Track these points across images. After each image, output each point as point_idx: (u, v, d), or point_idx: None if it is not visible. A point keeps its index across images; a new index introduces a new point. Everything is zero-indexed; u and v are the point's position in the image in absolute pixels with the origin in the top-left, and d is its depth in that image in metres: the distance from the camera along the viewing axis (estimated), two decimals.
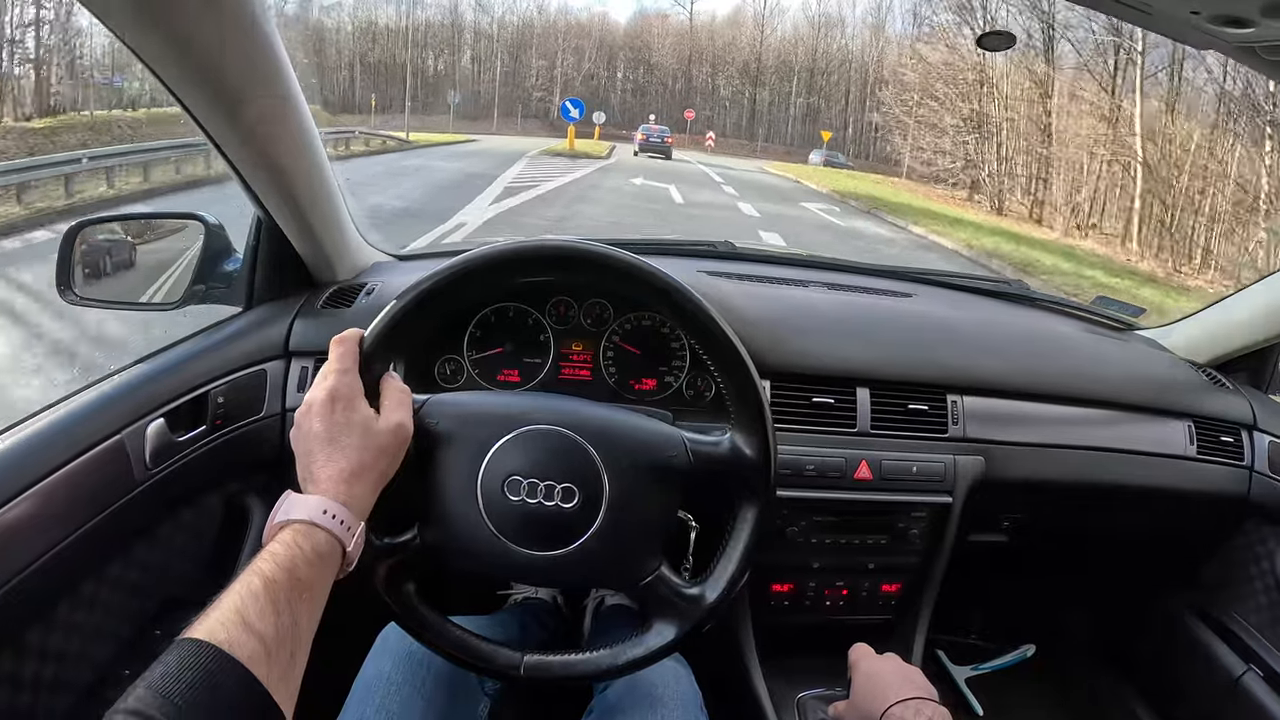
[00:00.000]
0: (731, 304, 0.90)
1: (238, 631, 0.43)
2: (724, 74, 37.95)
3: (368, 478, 0.55)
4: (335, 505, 0.52)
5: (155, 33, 0.62)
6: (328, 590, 0.52)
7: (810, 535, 0.92)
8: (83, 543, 0.68)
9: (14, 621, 0.64)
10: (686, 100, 37.09)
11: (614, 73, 38.90)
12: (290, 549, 0.49)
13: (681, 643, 0.63)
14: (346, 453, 0.55)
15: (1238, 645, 1.12)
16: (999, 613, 1.41)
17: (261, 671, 0.42)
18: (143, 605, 0.82)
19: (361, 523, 0.54)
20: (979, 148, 18.57)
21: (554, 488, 0.60)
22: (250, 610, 0.44)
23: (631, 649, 0.64)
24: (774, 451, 0.64)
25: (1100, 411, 1.04)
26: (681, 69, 38.28)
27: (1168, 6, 0.65)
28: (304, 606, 0.48)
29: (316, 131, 0.82)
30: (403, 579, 0.63)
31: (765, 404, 0.64)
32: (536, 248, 0.64)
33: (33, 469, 0.65)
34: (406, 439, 0.59)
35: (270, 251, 0.92)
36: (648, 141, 22.47)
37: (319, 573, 0.50)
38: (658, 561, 0.64)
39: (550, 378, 0.92)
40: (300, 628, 0.47)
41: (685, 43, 38.45)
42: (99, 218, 0.95)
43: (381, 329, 0.61)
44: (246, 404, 0.87)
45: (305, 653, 0.48)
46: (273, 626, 0.44)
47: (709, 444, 0.64)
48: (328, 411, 0.56)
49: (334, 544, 0.52)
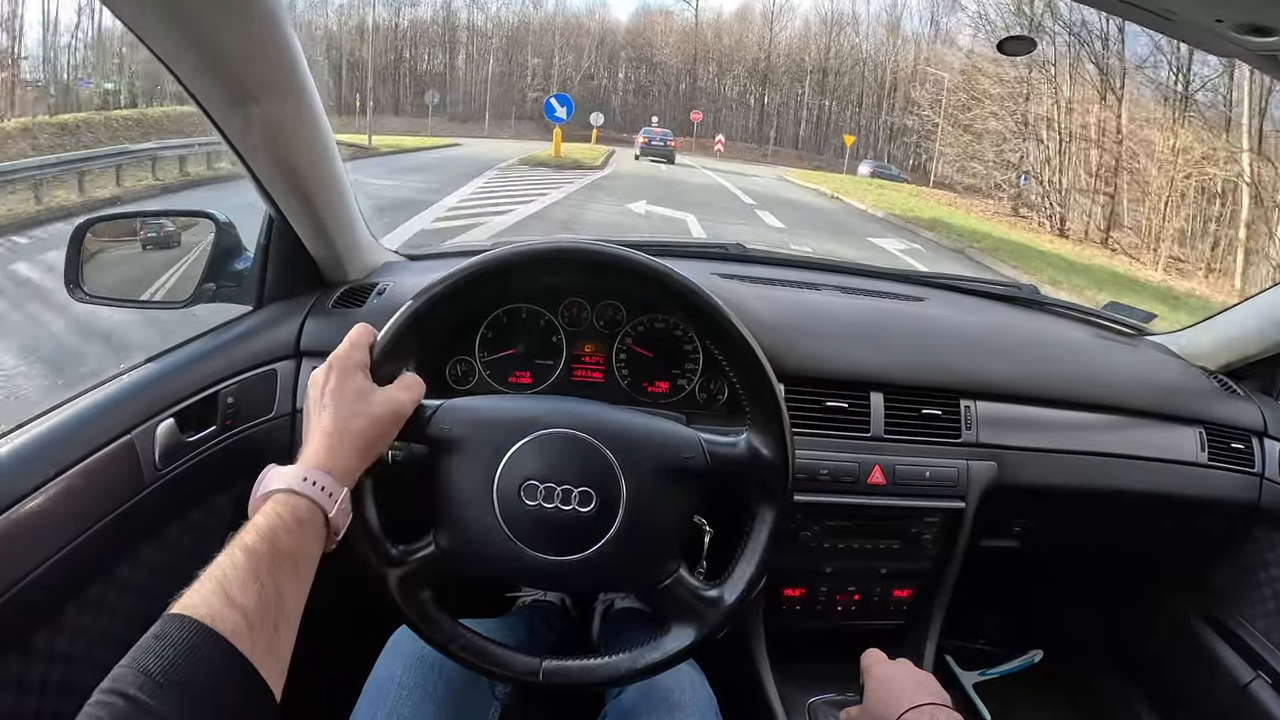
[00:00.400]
0: (746, 307, 0.90)
1: (219, 605, 0.42)
2: (731, 74, 36.56)
3: (353, 443, 0.55)
4: (315, 472, 0.52)
5: (171, 28, 0.61)
6: (314, 562, 0.51)
7: (823, 540, 0.92)
8: (92, 543, 0.68)
9: (23, 622, 0.63)
10: (691, 101, 35.78)
11: (615, 72, 37.68)
12: (271, 519, 0.49)
13: (700, 646, 0.63)
14: (334, 415, 0.55)
15: (1246, 651, 1.12)
16: (1007, 618, 1.41)
17: (245, 645, 0.42)
18: (151, 607, 0.80)
19: (345, 489, 0.53)
20: (1039, 159, 16.39)
21: (571, 492, 0.60)
22: (232, 583, 0.44)
23: (650, 653, 0.63)
24: (792, 452, 0.63)
25: (1111, 417, 1.04)
26: (686, 68, 36.96)
27: (1191, 14, 0.65)
28: (287, 577, 0.47)
29: (330, 129, 0.81)
30: (419, 586, 0.63)
31: (782, 405, 0.63)
32: (552, 250, 0.63)
33: (43, 468, 0.64)
34: (402, 415, 0.59)
35: (281, 250, 0.91)
36: (649, 145, 21.31)
37: (301, 541, 0.49)
38: (676, 564, 0.64)
39: (562, 380, 0.91)
40: (285, 599, 0.46)
41: (690, 41, 37.13)
42: (107, 215, 0.94)
43: (394, 332, 0.60)
44: (257, 404, 0.86)
45: (292, 626, 0.47)
46: (255, 598, 0.44)
47: (726, 445, 0.63)
48: (323, 378, 0.58)
49: (315, 510, 0.51)
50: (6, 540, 0.59)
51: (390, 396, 0.59)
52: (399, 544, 0.62)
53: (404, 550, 0.62)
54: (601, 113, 27.98)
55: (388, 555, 0.61)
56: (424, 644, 0.64)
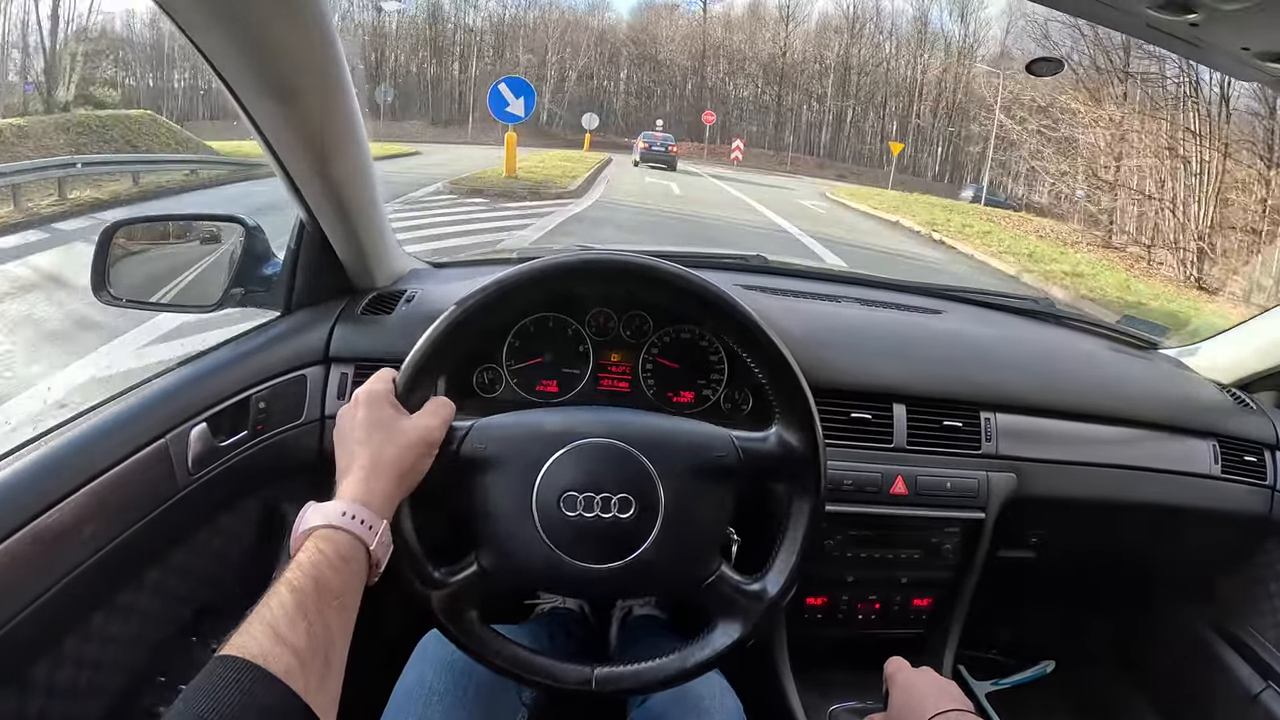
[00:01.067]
0: (771, 318, 0.90)
1: (270, 645, 0.43)
2: (744, 72, 32.98)
3: (388, 473, 0.56)
4: (354, 506, 0.53)
5: (219, 30, 0.62)
6: (359, 595, 0.52)
7: (846, 549, 0.93)
8: (125, 548, 0.68)
9: (55, 627, 0.63)
10: (699, 103, 32.29)
11: (615, 71, 34.48)
12: (314, 556, 0.49)
13: (747, 641, 0.64)
14: (368, 447, 0.56)
15: (1257, 662, 1.13)
16: (1020, 628, 1.42)
17: (299, 684, 0.42)
18: (180, 611, 0.81)
19: (384, 521, 0.54)
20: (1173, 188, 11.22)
21: (610, 499, 0.60)
22: (281, 622, 0.44)
23: (699, 651, 0.64)
24: (822, 445, 0.64)
25: (1127, 430, 1.05)
26: (694, 66, 33.43)
27: (1219, 40, 0.66)
28: (334, 613, 0.48)
29: (365, 131, 0.82)
30: (465, 606, 0.63)
31: (810, 398, 0.64)
32: (580, 263, 0.64)
33: (78, 472, 0.65)
34: (434, 441, 0.60)
35: (310, 256, 0.91)
36: (650, 150, 19.55)
37: (345, 578, 0.50)
38: (717, 561, 0.65)
39: (589, 389, 0.92)
40: (333, 634, 0.47)
41: (698, 38, 33.59)
42: (136, 218, 0.94)
43: (416, 362, 0.62)
44: (287, 409, 0.86)
45: (341, 660, 0.48)
46: (304, 636, 0.44)
47: (756, 440, 0.64)
48: (354, 410, 0.59)
49: (356, 545, 0.52)
50: (39, 545, 0.59)
51: (420, 424, 0.59)
52: (441, 566, 0.63)
53: (447, 571, 0.63)
54: (595, 114, 24.80)
55: (431, 579, 0.62)
56: (454, 650, 0.65)
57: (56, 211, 6.95)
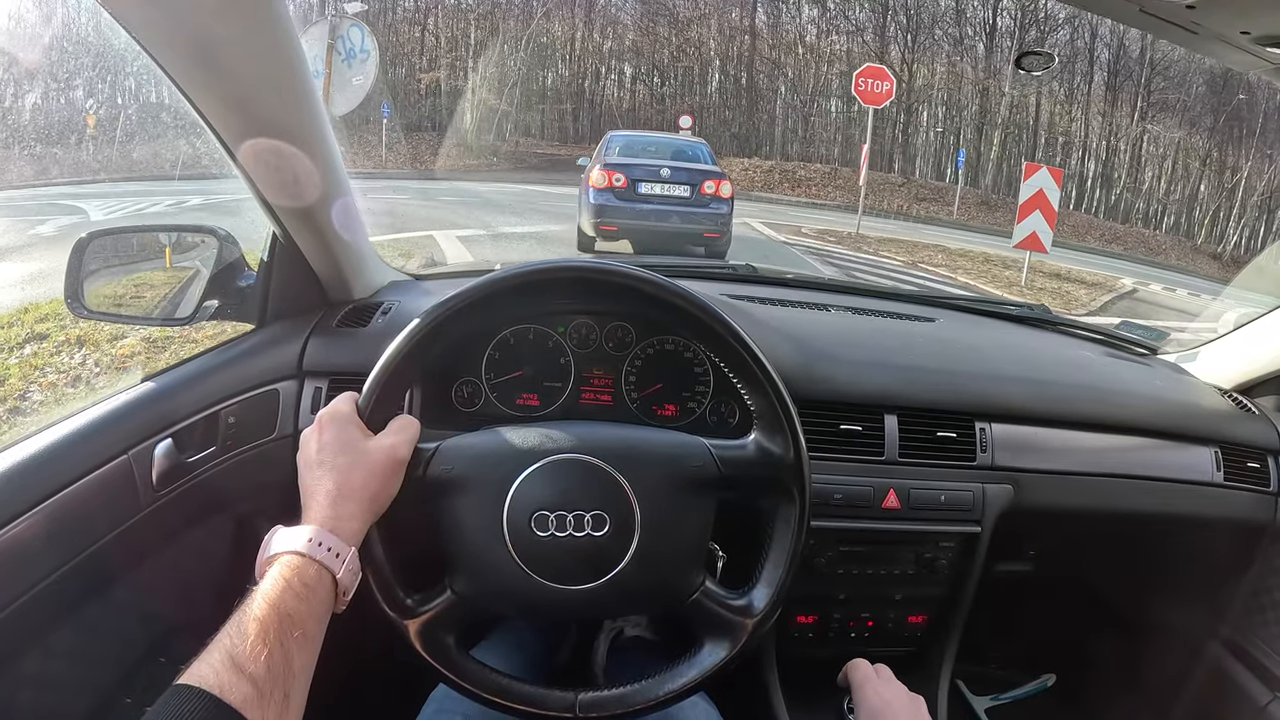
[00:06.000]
0: (756, 326, 0.89)
1: (229, 675, 0.42)
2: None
3: (356, 498, 0.54)
4: (321, 533, 0.51)
5: (174, 36, 0.60)
6: (324, 625, 0.51)
7: (837, 566, 0.90)
8: (86, 567, 0.66)
9: (14, 646, 0.61)
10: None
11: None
12: (278, 583, 0.48)
13: (736, 659, 0.61)
14: (333, 473, 0.55)
15: (1262, 673, 1.10)
16: (1020, 641, 1.39)
17: (255, 715, 0.42)
18: (148, 631, 0.79)
19: (352, 548, 0.53)
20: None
21: (583, 517, 0.58)
22: (241, 651, 0.43)
23: (686, 671, 0.61)
24: (804, 448, 0.62)
25: (1127, 438, 1.03)
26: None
27: (1217, 26, 0.64)
28: (296, 644, 0.47)
29: (337, 145, 0.80)
30: (442, 634, 0.61)
31: (788, 399, 0.62)
32: (556, 269, 0.62)
33: (35, 489, 0.63)
34: (401, 459, 0.58)
35: (284, 268, 0.90)
36: (628, 195, 5.99)
37: (310, 605, 0.49)
38: (701, 576, 0.62)
39: (570, 402, 0.90)
40: (294, 665, 0.46)
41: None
42: (110, 229, 0.92)
43: (378, 381, 0.60)
44: (259, 425, 0.84)
45: (302, 693, 0.47)
46: (264, 667, 0.44)
47: (734, 448, 0.62)
48: (318, 433, 0.57)
49: (323, 573, 0.50)
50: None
51: (385, 444, 0.58)
52: (414, 594, 0.60)
53: (419, 599, 0.60)
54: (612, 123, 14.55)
55: (404, 607, 0.59)
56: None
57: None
